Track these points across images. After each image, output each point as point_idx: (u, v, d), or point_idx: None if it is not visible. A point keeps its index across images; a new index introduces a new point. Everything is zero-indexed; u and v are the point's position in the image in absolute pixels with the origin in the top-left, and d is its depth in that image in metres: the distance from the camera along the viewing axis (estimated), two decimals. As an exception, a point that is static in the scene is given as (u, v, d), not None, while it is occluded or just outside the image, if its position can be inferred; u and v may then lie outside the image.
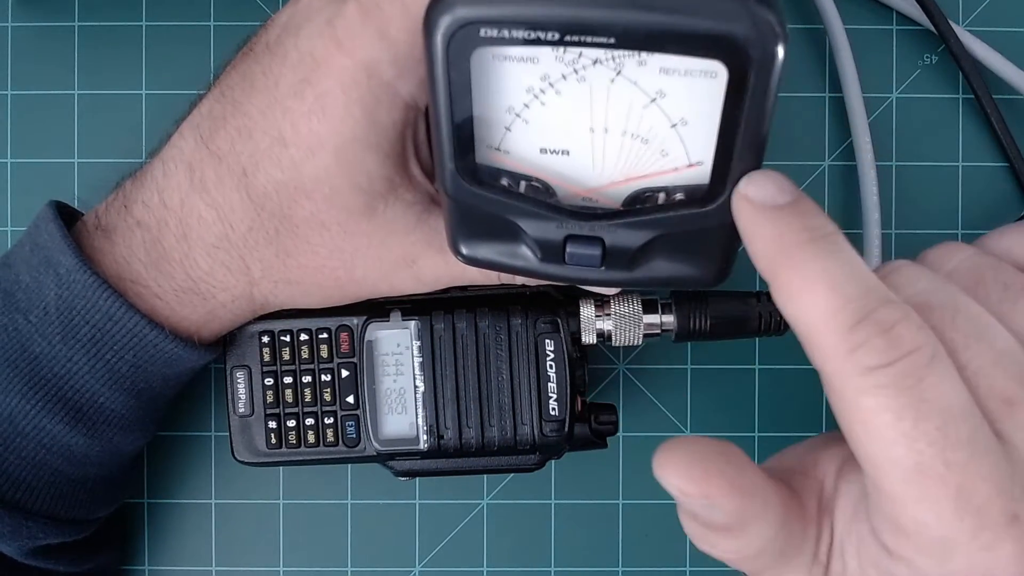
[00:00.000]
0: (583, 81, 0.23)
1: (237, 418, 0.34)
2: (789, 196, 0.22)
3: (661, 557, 0.39)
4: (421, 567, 0.39)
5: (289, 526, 0.39)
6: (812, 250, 0.21)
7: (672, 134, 0.23)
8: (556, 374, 0.32)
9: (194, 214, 0.29)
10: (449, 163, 0.24)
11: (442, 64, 0.22)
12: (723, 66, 0.21)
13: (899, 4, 0.39)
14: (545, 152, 0.25)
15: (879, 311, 0.20)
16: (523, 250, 0.26)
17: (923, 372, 0.20)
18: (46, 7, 0.39)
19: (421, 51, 0.23)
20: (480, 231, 0.27)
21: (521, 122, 0.24)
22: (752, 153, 0.23)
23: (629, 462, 0.39)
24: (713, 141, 0.23)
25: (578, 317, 0.32)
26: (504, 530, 0.39)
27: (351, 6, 0.26)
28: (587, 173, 0.25)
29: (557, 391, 0.32)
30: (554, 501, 0.39)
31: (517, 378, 0.32)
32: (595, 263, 0.25)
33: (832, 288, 0.21)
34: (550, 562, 0.39)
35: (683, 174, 0.24)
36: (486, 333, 0.32)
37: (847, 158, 0.39)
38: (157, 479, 0.39)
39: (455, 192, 0.25)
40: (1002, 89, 0.38)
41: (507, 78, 0.23)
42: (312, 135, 0.27)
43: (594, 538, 0.39)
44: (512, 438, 0.32)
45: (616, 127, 0.24)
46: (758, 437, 0.39)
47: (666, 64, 0.22)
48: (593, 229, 0.25)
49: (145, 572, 0.39)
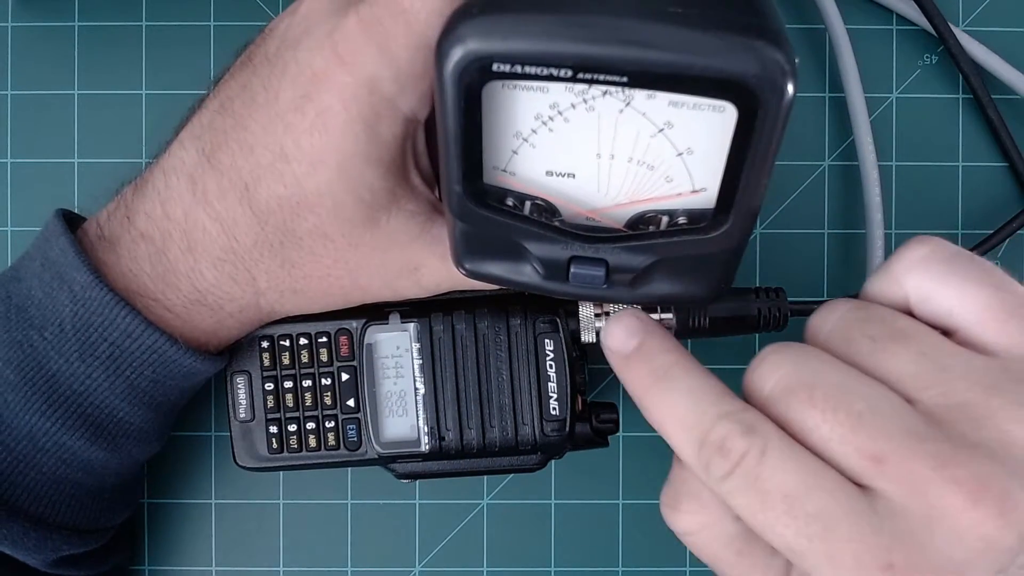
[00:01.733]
0: (592, 111, 0.23)
1: (238, 423, 0.34)
2: (636, 339, 0.25)
3: (661, 557, 0.39)
4: (421, 567, 0.39)
5: (289, 526, 0.39)
6: (657, 391, 0.24)
7: (678, 162, 0.24)
8: (556, 373, 0.32)
9: (198, 227, 0.29)
10: (456, 186, 0.24)
11: (452, 95, 0.22)
12: (732, 106, 0.21)
13: (898, 6, 0.39)
14: (551, 175, 0.25)
15: (712, 432, 0.23)
16: (527, 268, 0.27)
17: (757, 470, 0.22)
18: (46, 7, 0.39)
19: (423, 67, 0.24)
20: (485, 250, 0.27)
21: (528, 146, 0.24)
22: (757, 183, 0.23)
23: (629, 462, 0.39)
24: (718, 169, 0.23)
25: (577, 316, 0.32)
26: (504, 530, 0.39)
27: (351, 20, 0.26)
28: (592, 195, 0.25)
29: (557, 390, 0.32)
30: (554, 501, 0.39)
31: (517, 378, 0.32)
32: (598, 284, 0.26)
33: (676, 422, 0.24)
34: (550, 562, 0.39)
35: (687, 199, 0.24)
36: (485, 334, 0.32)
37: (847, 158, 0.39)
38: (157, 479, 0.39)
39: (461, 214, 0.25)
40: (1002, 89, 0.38)
41: (516, 106, 0.23)
42: (314, 151, 0.27)
43: (594, 538, 0.39)
44: (513, 438, 0.32)
45: (622, 154, 0.24)
46: (758, 437, 0.39)
47: (675, 98, 0.22)
48: (597, 251, 0.25)
49: (145, 572, 0.39)
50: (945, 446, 0.21)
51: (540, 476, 0.39)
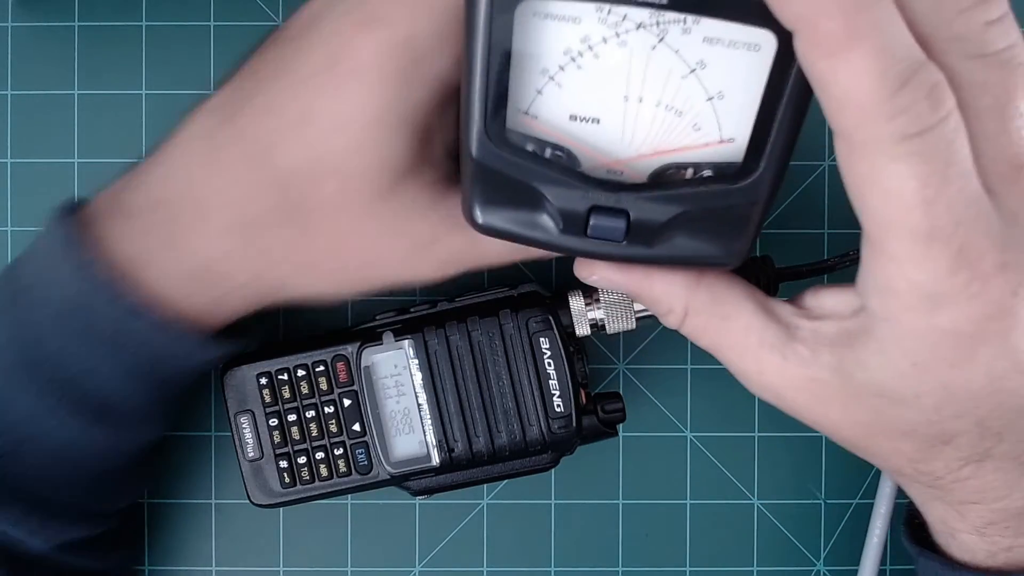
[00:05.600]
0: (624, 46, 0.22)
1: (247, 463, 0.34)
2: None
3: (661, 557, 0.39)
4: (421, 567, 0.39)
5: (289, 526, 0.39)
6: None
7: (707, 107, 0.23)
8: (556, 371, 0.32)
9: (215, 191, 0.28)
10: (478, 121, 0.24)
11: (484, 18, 0.21)
12: (773, 36, 0.21)
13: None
14: (575, 119, 0.24)
15: (921, 72, 0.19)
16: (543, 220, 0.25)
17: (951, 136, 0.20)
18: (46, 7, 0.39)
19: (459, 24, 0.23)
20: (499, 198, 0.25)
21: (554, 85, 0.23)
22: (790, 131, 0.22)
23: (629, 462, 0.39)
24: (748, 117, 0.22)
25: (569, 310, 0.32)
26: (504, 530, 0.39)
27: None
28: (616, 144, 0.24)
29: (559, 387, 0.32)
30: (554, 501, 0.39)
31: (518, 380, 0.32)
32: (618, 236, 0.25)
33: (883, 47, 0.19)
34: (550, 562, 0.39)
35: (713, 150, 0.24)
36: (480, 341, 0.32)
37: (847, 158, 0.39)
38: (157, 479, 0.39)
39: (480, 153, 0.24)
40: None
41: (546, 38, 0.22)
42: (343, 110, 0.26)
43: (594, 538, 0.39)
44: (522, 441, 0.32)
45: (651, 97, 0.23)
46: (758, 437, 0.39)
47: (711, 33, 0.22)
48: (619, 201, 0.24)
49: (145, 572, 0.39)
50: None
51: (540, 476, 0.39)
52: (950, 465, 0.26)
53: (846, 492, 0.39)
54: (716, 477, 0.39)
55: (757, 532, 0.39)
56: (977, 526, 0.28)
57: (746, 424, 0.39)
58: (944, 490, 0.27)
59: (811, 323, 0.26)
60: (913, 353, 0.23)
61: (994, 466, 0.25)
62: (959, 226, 0.21)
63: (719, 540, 0.39)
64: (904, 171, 0.20)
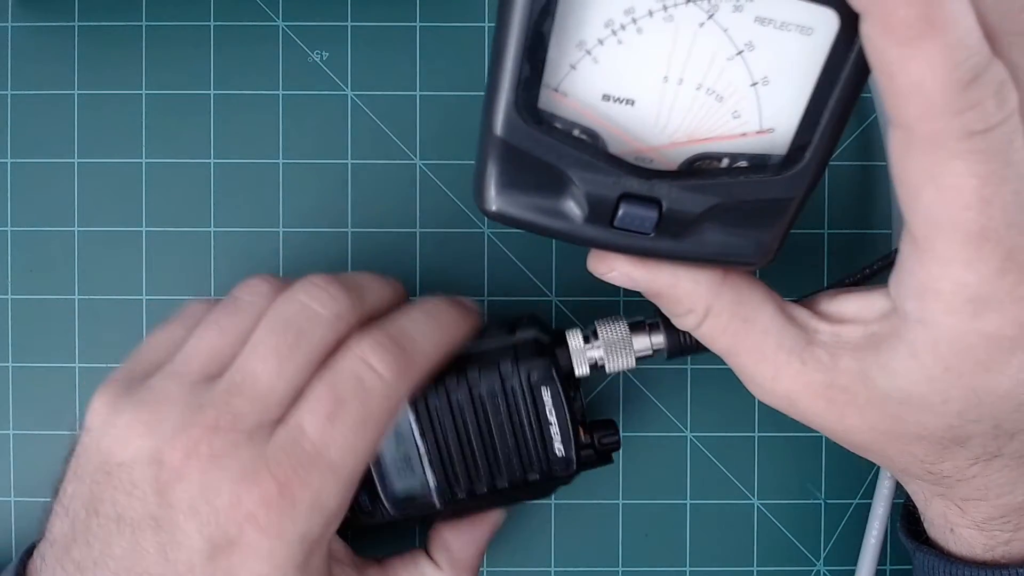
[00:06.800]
0: (670, 20, 0.21)
1: None
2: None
3: (661, 557, 0.39)
4: (421, 567, 0.39)
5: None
6: None
7: (750, 93, 0.22)
8: (557, 419, 0.31)
9: None
10: (508, 96, 0.22)
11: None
12: (836, 17, 0.20)
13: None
14: (608, 99, 0.23)
15: (991, 68, 0.19)
16: (566, 207, 0.24)
17: (1012, 136, 0.19)
18: (46, 7, 0.39)
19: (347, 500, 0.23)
20: (521, 181, 0.24)
21: (590, 60, 0.22)
22: (840, 121, 0.21)
23: (629, 462, 0.39)
24: (791, 105, 0.22)
25: (567, 350, 0.31)
26: (503, 530, 0.39)
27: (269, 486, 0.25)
28: (649, 128, 0.23)
29: (560, 432, 0.31)
30: (554, 501, 0.39)
31: (519, 429, 0.31)
32: (647, 228, 0.23)
33: (959, 38, 0.18)
34: (550, 562, 0.39)
35: (750, 140, 0.23)
36: (481, 395, 0.31)
37: (847, 158, 0.39)
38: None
39: (507, 132, 0.22)
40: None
41: (589, 7, 0.21)
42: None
43: (594, 538, 0.39)
44: (523, 481, 0.32)
45: (692, 79, 0.22)
46: (758, 437, 0.39)
47: (764, 13, 0.20)
48: (652, 189, 0.23)
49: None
50: None
51: (540, 476, 0.39)
52: (959, 465, 0.25)
53: (846, 492, 0.39)
54: (716, 477, 0.39)
55: (757, 532, 0.39)
56: (977, 521, 0.27)
57: (746, 424, 0.39)
58: (948, 487, 0.27)
59: (831, 327, 0.25)
60: (947, 358, 0.23)
61: (1001, 464, 0.25)
62: (1011, 227, 0.20)
63: (719, 540, 0.39)
64: (964, 168, 0.19)
